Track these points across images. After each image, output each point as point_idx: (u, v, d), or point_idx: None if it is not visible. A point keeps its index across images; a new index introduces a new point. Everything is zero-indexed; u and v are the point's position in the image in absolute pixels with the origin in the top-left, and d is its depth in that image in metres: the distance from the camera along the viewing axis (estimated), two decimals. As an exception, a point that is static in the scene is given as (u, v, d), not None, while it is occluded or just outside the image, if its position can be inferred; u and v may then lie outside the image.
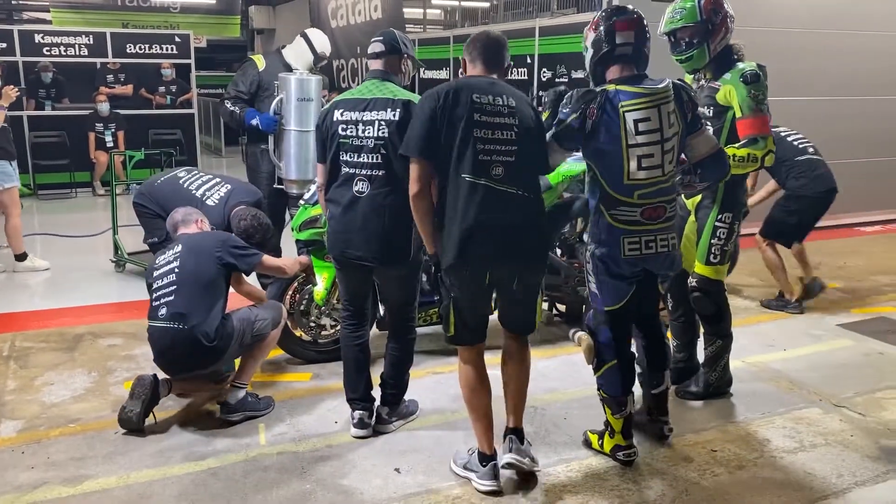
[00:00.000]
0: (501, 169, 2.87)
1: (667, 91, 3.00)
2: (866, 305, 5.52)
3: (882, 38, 7.96)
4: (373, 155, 3.19)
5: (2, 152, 6.08)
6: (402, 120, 3.15)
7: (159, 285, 3.57)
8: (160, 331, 3.49)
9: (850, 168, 7.93)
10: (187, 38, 11.93)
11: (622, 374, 3.20)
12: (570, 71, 7.58)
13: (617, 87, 2.98)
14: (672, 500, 2.99)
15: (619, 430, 3.22)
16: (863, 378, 4.21)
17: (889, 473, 3.21)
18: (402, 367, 3.51)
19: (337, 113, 3.27)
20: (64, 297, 5.62)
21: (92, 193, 10.17)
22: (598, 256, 3.10)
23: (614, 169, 2.99)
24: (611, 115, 2.95)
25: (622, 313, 3.17)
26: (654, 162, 2.97)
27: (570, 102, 3.00)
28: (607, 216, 3.04)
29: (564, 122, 3.00)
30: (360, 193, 3.22)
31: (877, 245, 7.55)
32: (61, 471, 3.17)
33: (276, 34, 19.12)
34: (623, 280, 3.10)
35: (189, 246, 3.67)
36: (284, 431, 3.54)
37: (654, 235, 3.03)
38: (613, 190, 3.01)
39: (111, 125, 10.22)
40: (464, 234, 2.84)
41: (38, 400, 3.85)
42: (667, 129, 2.98)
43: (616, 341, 3.19)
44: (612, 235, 3.04)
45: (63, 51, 10.93)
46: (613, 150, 2.97)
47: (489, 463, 3.02)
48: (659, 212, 3.02)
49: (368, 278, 3.49)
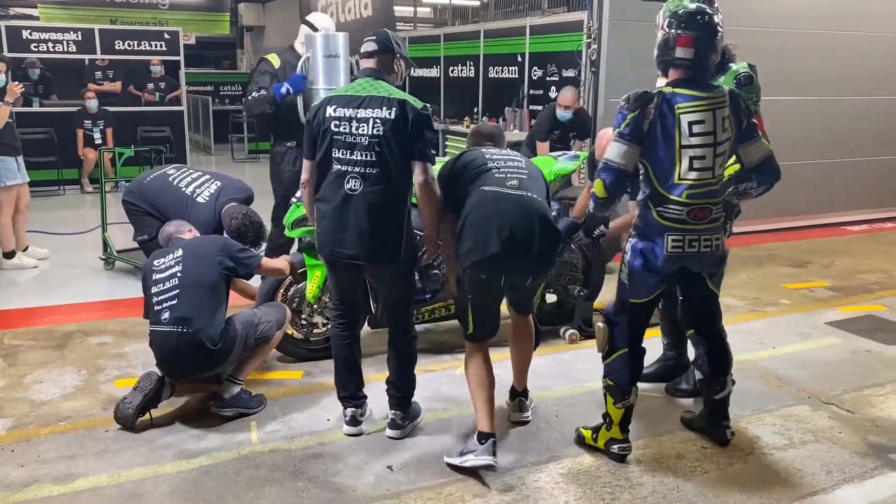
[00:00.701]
0: (516, 181, 3.29)
1: (723, 97, 3.06)
2: (854, 304, 5.57)
3: (870, 39, 8.02)
4: (367, 153, 3.19)
5: (7, 148, 6.05)
6: (397, 118, 3.16)
7: (160, 289, 3.54)
8: (163, 335, 3.47)
9: (836, 168, 8.03)
10: (176, 34, 11.87)
11: (631, 363, 3.25)
12: (561, 69, 7.61)
13: (674, 90, 3.03)
14: (663, 497, 3.01)
15: (618, 422, 3.25)
16: (851, 375, 4.25)
17: (877, 470, 3.24)
18: (407, 368, 3.48)
19: (330, 109, 3.25)
20: (53, 295, 5.59)
21: (80, 191, 10.11)
22: (639, 250, 3.15)
23: (665, 168, 3.05)
24: (667, 115, 3.01)
25: (646, 309, 3.25)
26: (705, 164, 3.03)
27: (629, 103, 3.05)
28: (654, 212, 3.10)
29: (626, 119, 3.04)
30: (352, 191, 3.21)
31: (864, 244, 7.61)
32: (52, 469, 3.16)
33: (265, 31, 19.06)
34: (657, 276, 3.15)
35: (190, 250, 3.65)
36: (277, 429, 3.54)
37: (699, 235, 3.08)
38: (663, 188, 3.07)
39: (100, 122, 10.14)
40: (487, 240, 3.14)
41: (28, 398, 3.83)
42: (720, 133, 3.03)
43: (631, 332, 3.24)
44: (657, 231, 3.10)
45: (51, 47, 10.86)
46: (666, 149, 3.03)
47: (489, 440, 3.13)
48: (705, 212, 3.07)
49: (360, 277, 3.49)
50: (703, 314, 3.36)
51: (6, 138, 6.04)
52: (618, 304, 3.28)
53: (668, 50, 3.05)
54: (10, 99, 5.94)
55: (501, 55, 8.70)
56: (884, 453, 3.38)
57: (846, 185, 8.24)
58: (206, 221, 4.25)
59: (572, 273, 4.76)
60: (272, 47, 18.65)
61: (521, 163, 3.45)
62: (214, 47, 18.85)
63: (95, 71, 11.12)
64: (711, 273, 3.26)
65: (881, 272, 6.46)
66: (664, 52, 3.08)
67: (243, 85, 17.00)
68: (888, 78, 8.29)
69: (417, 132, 3.19)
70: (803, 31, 7.56)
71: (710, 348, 3.36)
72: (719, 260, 3.23)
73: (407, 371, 3.48)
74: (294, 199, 4.31)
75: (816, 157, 5.34)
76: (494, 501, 2.96)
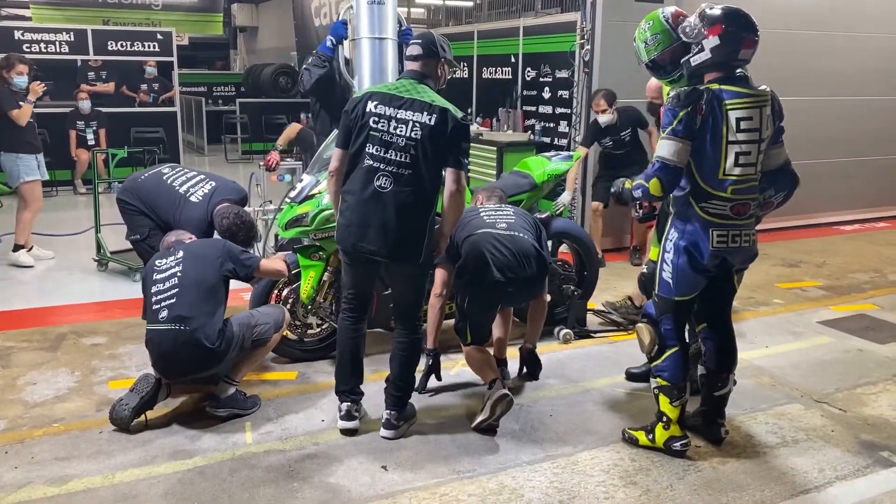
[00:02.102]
0: (505, 224, 3.77)
1: (766, 95, 3.13)
2: (846, 303, 5.60)
3: (860, 40, 8.05)
4: (402, 154, 3.22)
5: (28, 146, 6.27)
6: (436, 125, 3.21)
7: (159, 289, 3.54)
8: (161, 333, 3.46)
9: (828, 168, 8.06)
10: (170, 35, 11.84)
11: (684, 359, 3.29)
12: (555, 70, 7.62)
13: (721, 87, 3.06)
14: (657, 496, 3.02)
15: (676, 420, 3.27)
16: (843, 374, 4.27)
17: (869, 468, 3.27)
18: (409, 368, 3.50)
19: (371, 104, 3.27)
20: (46, 296, 5.57)
21: (73, 192, 10.08)
22: (683, 247, 3.17)
23: (711, 163, 3.09)
24: (716, 111, 3.03)
25: (690, 304, 3.29)
26: (750, 160, 3.09)
27: (680, 100, 3.06)
28: (697, 208, 3.13)
29: (677, 117, 3.05)
30: (382, 189, 3.23)
31: (855, 243, 7.65)
32: (46, 470, 3.15)
33: (258, 32, 19.04)
34: (702, 272, 3.19)
35: (190, 252, 3.65)
36: (271, 430, 3.54)
37: (740, 230, 3.14)
38: (707, 183, 3.10)
39: (93, 123, 10.11)
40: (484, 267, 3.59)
41: (21, 399, 3.82)
42: (765, 130, 3.10)
43: (678, 330, 3.29)
44: (701, 227, 3.13)
45: (43, 48, 10.81)
46: (714, 145, 3.06)
47: (495, 382, 3.55)
48: (746, 208, 3.13)
49: (375, 273, 3.54)
50: (720, 310, 3.40)
51: (27, 136, 6.29)
52: (661, 303, 3.29)
53: (727, 53, 3.04)
54: (33, 98, 6.18)
55: (495, 56, 8.70)
56: (875, 451, 3.40)
57: (839, 185, 8.27)
58: (196, 220, 4.23)
59: (565, 273, 4.77)
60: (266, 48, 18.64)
61: (509, 211, 3.92)
62: (208, 48, 18.81)
63: (88, 72, 11.08)
64: (741, 269, 3.31)
65: (873, 272, 6.49)
66: (725, 53, 3.04)
67: (236, 85, 17.01)
68: (881, 78, 8.33)
69: (455, 141, 3.26)
70: (794, 31, 7.58)
71: (721, 344, 3.39)
72: (753, 255, 3.27)
73: (408, 371, 3.49)
74: (287, 199, 4.32)
75: (809, 157, 5.36)
76: (489, 501, 2.97)
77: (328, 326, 4.31)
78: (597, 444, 3.43)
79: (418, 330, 3.53)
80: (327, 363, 4.21)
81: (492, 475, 3.14)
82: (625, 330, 4.88)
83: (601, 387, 4.06)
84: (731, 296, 3.42)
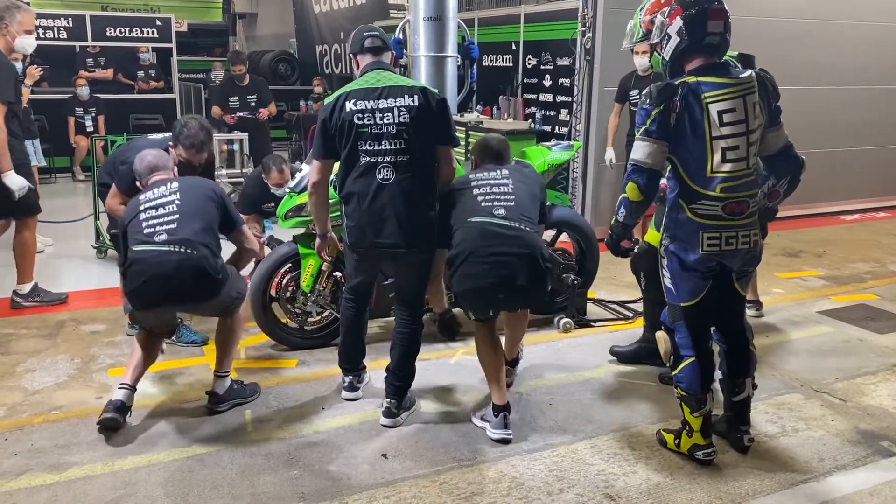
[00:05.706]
0: (503, 210, 3.30)
1: (751, 81, 2.95)
2: (846, 293, 5.59)
3: (864, 29, 8.01)
4: (395, 141, 3.22)
5: (23, 131, 6.08)
6: (421, 105, 3.23)
7: (153, 214, 3.34)
8: (160, 254, 3.23)
9: (830, 157, 8.03)
10: (168, 21, 11.75)
11: (701, 370, 3.12)
12: (556, 58, 7.58)
13: (698, 79, 2.91)
14: (657, 485, 3.03)
15: (698, 429, 3.15)
16: (843, 364, 4.27)
17: (869, 457, 3.27)
18: (410, 357, 3.50)
19: (349, 104, 3.25)
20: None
21: (72, 179, 10.06)
22: (672, 251, 3.06)
23: (697, 162, 2.94)
24: (693, 106, 2.89)
25: (700, 308, 3.11)
26: (739, 154, 2.92)
27: (652, 98, 2.94)
28: (687, 210, 2.98)
29: (650, 115, 2.94)
30: (385, 181, 3.23)
31: (856, 233, 7.64)
32: (45, 458, 3.15)
33: (258, 18, 18.93)
34: (698, 274, 3.04)
35: (187, 185, 3.51)
36: (271, 418, 3.54)
37: (736, 231, 2.96)
38: (695, 183, 2.96)
39: (91, 109, 10.06)
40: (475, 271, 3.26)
41: (21, 387, 3.82)
42: (752, 120, 2.92)
43: (693, 337, 3.12)
44: (691, 230, 2.98)
45: (41, 34, 10.71)
46: (697, 142, 2.92)
47: (500, 413, 3.33)
48: (742, 207, 2.95)
49: (381, 265, 3.64)
50: (728, 315, 3.24)
51: (23, 122, 6.05)
52: (671, 310, 3.18)
53: (694, 32, 2.92)
54: (30, 82, 6.13)
55: (496, 43, 8.65)
56: (875, 441, 3.40)
57: (840, 175, 8.25)
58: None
59: (566, 262, 4.76)
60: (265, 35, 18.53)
61: (509, 186, 3.40)
62: (206, 35, 18.67)
63: (87, 58, 11.01)
64: (743, 273, 3.13)
65: (874, 261, 6.49)
66: (685, 37, 2.94)
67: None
68: (882, 68, 8.29)
69: (442, 116, 3.30)
70: (795, 19, 7.55)
71: (729, 349, 3.26)
72: (753, 258, 3.12)
73: (409, 360, 3.50)
74: (287, 189, 4.30)
75: (810, 147, 5.31)
76: (489, 489, 2.97)
77: (328, 314, 4.30)
78: (596, 433, 3.43)
79: (420, 319, 3.53)
80: (327, 351, 4.21)
81: (492, 463, 3.15)
82: (624, 319, 4.88)
83: (601, 376, 4.05)
84: (738, 301, 3.23)
